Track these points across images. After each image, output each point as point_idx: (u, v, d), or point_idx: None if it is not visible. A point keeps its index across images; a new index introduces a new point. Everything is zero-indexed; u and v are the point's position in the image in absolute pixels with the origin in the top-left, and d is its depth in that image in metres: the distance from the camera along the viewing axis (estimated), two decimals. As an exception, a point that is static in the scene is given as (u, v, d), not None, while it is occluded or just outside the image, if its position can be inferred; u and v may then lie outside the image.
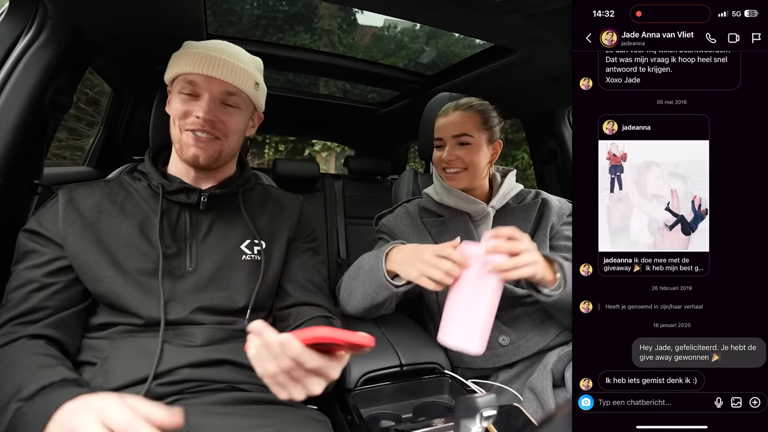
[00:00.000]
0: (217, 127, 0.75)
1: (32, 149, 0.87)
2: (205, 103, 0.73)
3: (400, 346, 0.89)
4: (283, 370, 0.51)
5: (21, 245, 0.70)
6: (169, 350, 0.67)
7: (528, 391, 0.83)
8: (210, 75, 0.73)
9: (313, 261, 0.88)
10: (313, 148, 8.56)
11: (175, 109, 0.75)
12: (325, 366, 0.52)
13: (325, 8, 5.09)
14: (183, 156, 0.77)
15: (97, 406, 0.48)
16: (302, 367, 0.50)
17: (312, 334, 0.48)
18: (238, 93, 0.76)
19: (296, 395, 0.52)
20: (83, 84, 1.20)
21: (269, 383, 0.53)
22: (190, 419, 0.60)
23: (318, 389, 0.52)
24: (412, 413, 0.80)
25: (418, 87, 1.70)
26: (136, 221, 0.74)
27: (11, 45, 0.80)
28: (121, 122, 1.65)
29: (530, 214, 1.03)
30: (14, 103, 0.79)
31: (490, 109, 1.03)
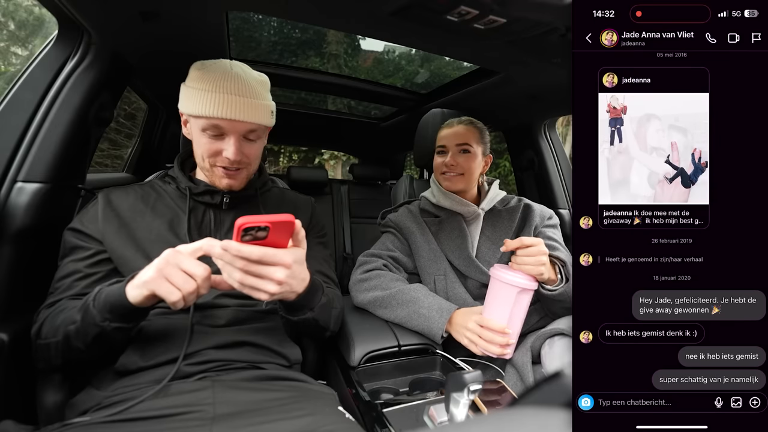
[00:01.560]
0: (243, 160, 0.74)
1: (78, 158, 0.87)
2: (232, 145, 0.71)
3: (398, 330, 0.89)
4: (243, 271, 0.53)
5: (66, 242, 0.70)
6: (196, 332, 0.67)
7: (510, 366, 0.83)
8: (235, 119, 0.69)
9: (323, 254, 0.88)
10: (322, 157, 8.56)
11: (203, 146, 0.72)
12: (270, 254, 0.53)
13: (332, 35, 5.08)
14: (216, 185, 0.76)
15: (164, 254, 0.55)
16: (251, 260, 0.52)
17: (237, 224, 0.50)
18: (259, 127, 0.74)
19: (269, 288, 0.54)
20: (122, 101, 1.20)
21: (246, 291, 0.55)
22: (216, 394, 0.60)
23: (280, 275, 0.54)
24: (409, 387, 0.80)
25: (414, 104, 1.69)
26: (166, 219, 0.73)
27: (59, 68, 0.80)
28: (156, 134, 1.65)
29: (514, 215, 1.05)
30: (62, 119, 0.79)
31: (485, 127, 1.07)
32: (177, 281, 0.54)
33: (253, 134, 0.74)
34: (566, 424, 0.21)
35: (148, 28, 0.82)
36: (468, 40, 0.82)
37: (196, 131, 0.72)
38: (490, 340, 0.77)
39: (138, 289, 0.56)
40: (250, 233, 0.51)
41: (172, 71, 0.91)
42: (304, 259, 0.60)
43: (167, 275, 0.54)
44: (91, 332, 0.58)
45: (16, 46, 3.48)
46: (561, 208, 1.46)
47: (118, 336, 0.60)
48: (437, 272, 1.00)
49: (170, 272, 0.54)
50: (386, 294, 0.92)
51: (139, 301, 0.56)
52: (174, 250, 0.56)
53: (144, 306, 0.57)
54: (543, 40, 0.79)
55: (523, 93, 1.18)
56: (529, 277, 0.78)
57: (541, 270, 0.78)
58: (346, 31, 0.90)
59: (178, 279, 0.54)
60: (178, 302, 0.54)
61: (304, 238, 0.60)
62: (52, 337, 0.62)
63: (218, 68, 0.72)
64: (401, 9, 0.70)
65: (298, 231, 0.57)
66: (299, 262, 0.58)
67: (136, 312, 0.58)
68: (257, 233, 0.51)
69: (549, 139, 1.51)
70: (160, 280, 0.54)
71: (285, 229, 0.54)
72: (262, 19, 3.76)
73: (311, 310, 0.68)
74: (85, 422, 0.54)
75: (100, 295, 0.59)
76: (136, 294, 0.56)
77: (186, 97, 0.72)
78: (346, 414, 0.64)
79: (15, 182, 0.74)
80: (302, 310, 0.67)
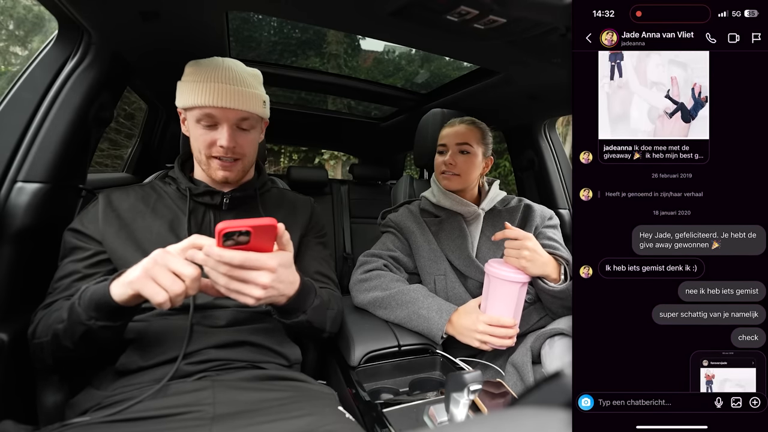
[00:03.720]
0: (237, 150, 0.75)
1: (78, 158, 0.86)
2: (225, 132, 0.72)
3: (398, 330, 0.89)
4: (227, 276, 0.52)
5: (66, 242, 0.70)
6: (196, 332, 0.67)
7: (510, 366, 0.83)
8: (226, 107, 0.71)
9: (322, 254, 0.88)
10: (322, 157, 8.56)
11: (198, 138, 0.73)
12: (253, 259, 0.53)
13: (332, 35, 5.08)
14: (212, 177, 0.76)
15: (153, 254, 0.54)
16: (233, 265, 0.52)
17: (217, 229, 0.50)
18: (251, 116, 0.75)
19: (254, 293, 0.54)
20: (122, 101, 1.19)
21: (233, 296, 0.54)
22: (216, 394, 0.60)
23: (265, 279, 0.54)
24: (409, 387, 0.80)
25: (414, 104, 1.69)
26: (167, 220, 0.73)
27: (59, 68, 0.80)
28: (155, 134, 1.65)
29: (515, 215, 1.06)
30: (62, 119, 0.79)
31: (488, 128, 1.07)
32: (164, 282, 0.52)
33: (246, 123, 0.75)
34: (566, 424, 0.20)
35: (148, 28, 0.82)
36: (468, 40, 0.82)
37: (192, 125, 0.74)
38: (503, 336, 0.79)
39: (123, 288, 0.55)
40: (231, 238, 0.50)
41: (172, 71, 0.91)
42: (292, 263, 0.60)
43: (154, 276, 0.52)
44: (78, 330, 0.57)
45: (15, 46, 3.48)
46: (561, 208, 1.46)
47: (105, 335, 0.59)
48: (437, 272, 1.00)
49: (157, 273, 0.52)
50: (386, 294, 0.92)
51: (124, 299, 0.55)
52: (163, 250, 0.54)
53: (129, 305, 0.56)
54: (543, 40, 0.79)
55: (523, 93, 1.18)
56: (520, 270, 0.80)
57: (522, 264, 0.80)
58: (346, 31, 0.90)
59: (165, 280, 0.52)
60: (165, 303, 0.52)
61: (290, 241, 0.59)
62: (44, 336, 0.61)
63: (211, 62, 0.74)
64: (401, 9, 0.70)
65: (282, 234, 0.57)
66: (285, 266, 0.57)
67: (120, 311, 0.57)
68: (238, 238, 0.51)
69: (549, 139, 1.51)
70: (145, 281, 0.52)
71: (267, 233, 0.53)
72: (262, 19, 3.76)
73: (304, 313, 0.68)
74: (84, 422, 0.54)
75: (86, 294, 0.58)
76: (120, 293, 0.55)
77: (181, 92, 0.74)
78: (346, 414, 0.64)
79: (15, 182, 0.74)
80: (294, 313, 0.67)
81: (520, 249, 0.81)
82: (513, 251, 0.82)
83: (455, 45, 0.89)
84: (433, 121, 1.22)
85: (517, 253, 0.81)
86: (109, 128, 0.99)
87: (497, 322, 0.79)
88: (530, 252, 0.81)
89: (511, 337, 0.80)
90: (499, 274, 0.78)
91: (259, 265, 0.53)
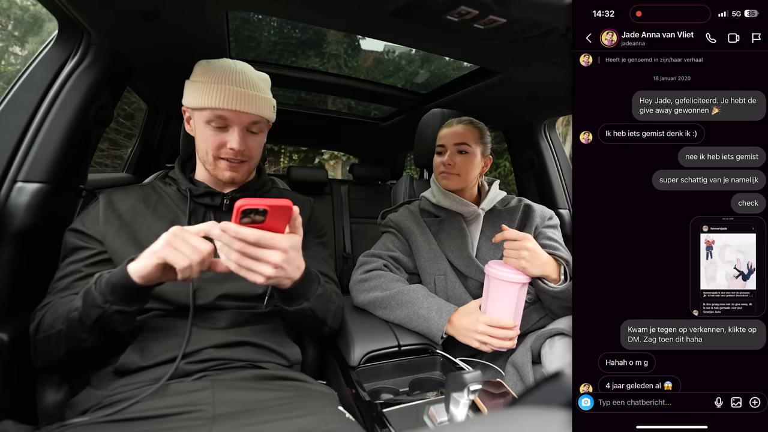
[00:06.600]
0: (246, 153, 0.75)
1: (78, 158, 0.86)
2: (236, 135, 0.73)
3: (398, 330, 0.89)
4: (239, 253, 0.53)
5: (67, 242, 0.71)
6: (196, 332, 0.67)
7: (510, 366, 0.83)
8: (239, 110, 0.71)
9: (322, 254, 0.88)
10: (322, 157, 8.56)
11: (208, 139, 0.74)
12: (267, 237, 0.54)
13: (332, 35, 5.09)
14: (219, 178, 0.77)
15: (171, 229, 0.56)
16: (248, 242, 0.53)
17: (236, 205, 0.51)
18: (262, 120, 0.76)
19: (265, 271, 0.55)
20: (122, 101, 1.20)
21: (242, 274, 0.55)
22: (216, 393, 0.60)
23: (276, 258, 0.55)
24: (409, 387, 0.80)
25: (414, 104, 1.69)
26: (167, 221, 0.73)
27: (60, 67, 0.80)
28: (156, 134, 1.65)
29: (515, 215, 1.05)
30: (62, 119, 0.79)
31: (486, 128, 1.07)
32: (185, 251, 0.55)
33: (256, 126, 0.76)
34: (566, 424, 0.20)
35: (149, 28, 0.82)
36: (468, 40, 0.82)
37: (200, 125, 0.74)
38: (503, 337, 0.79)
39: (146, 260, 0.56)
40: (248, 216, 0.52)
41: (172, 71, 0.91)
42: (300, 246, 0.61)
43: (175, 245, 0.55)
44: (92, 314, 0.58)
45: (14, 45, 3.48)
46: (561, 208, 1.46)
47: (118, 320, 0.59)
48: (437, 272, 1.00)
49: (178, 243, 0.55)
50: (386, 294, 0.92)
51: (146, 273, 0.56)
52: (179, 227, 0.57)
53: (147, 285, 0.58)
54: (543, 40, 0.79)
55: (523, 93, 1.18)
56: (519, 270, 0.80)
57: (522, 264, 0.80)
58: (346, 31, 0.90)
59: (186, 249, 0.55)
60: (186, 269, 0.54)
61: (301, 225, 0.61)
62: (51, 329, 0.62)
63: (223, 64, 0.75)
64: (401, 9, 0.70)
65: (296, 217, 0.58)
66: (295, 248, 0.59)
67: (137, 292, 0.58)
68: (255, 216, 0.53)
69: (549, 139, 1.51)
70: (169, 248, 0.55)
71: (283, 214, 0.55)
72: (262, 19, 3.76)
73: (307, 300, 0.68)
74: (84, 422, 0.54)
75: (102, 278, 0.59)
76: (142, 266, 0.56)
77: (190, 92, 0.74)
78: (346, 414, 0.64)
79: (15, 182, 0.74)
80: (298, 300, 0.67)
81: (519, 250, 0.81)
82: (512, 252, 0.82)
83: (455, 45, 0.89)
84: (432, 121, 1.22)
85: (516, 253, 0.81)
86: (109, 128, 0.99)
87: (497, 323, 0.79)
88: (529, 252, 0.81)
89: (512, 338, 0.80)
90: (499, 274, 0.78)
91: (272, 244, 0.55)
